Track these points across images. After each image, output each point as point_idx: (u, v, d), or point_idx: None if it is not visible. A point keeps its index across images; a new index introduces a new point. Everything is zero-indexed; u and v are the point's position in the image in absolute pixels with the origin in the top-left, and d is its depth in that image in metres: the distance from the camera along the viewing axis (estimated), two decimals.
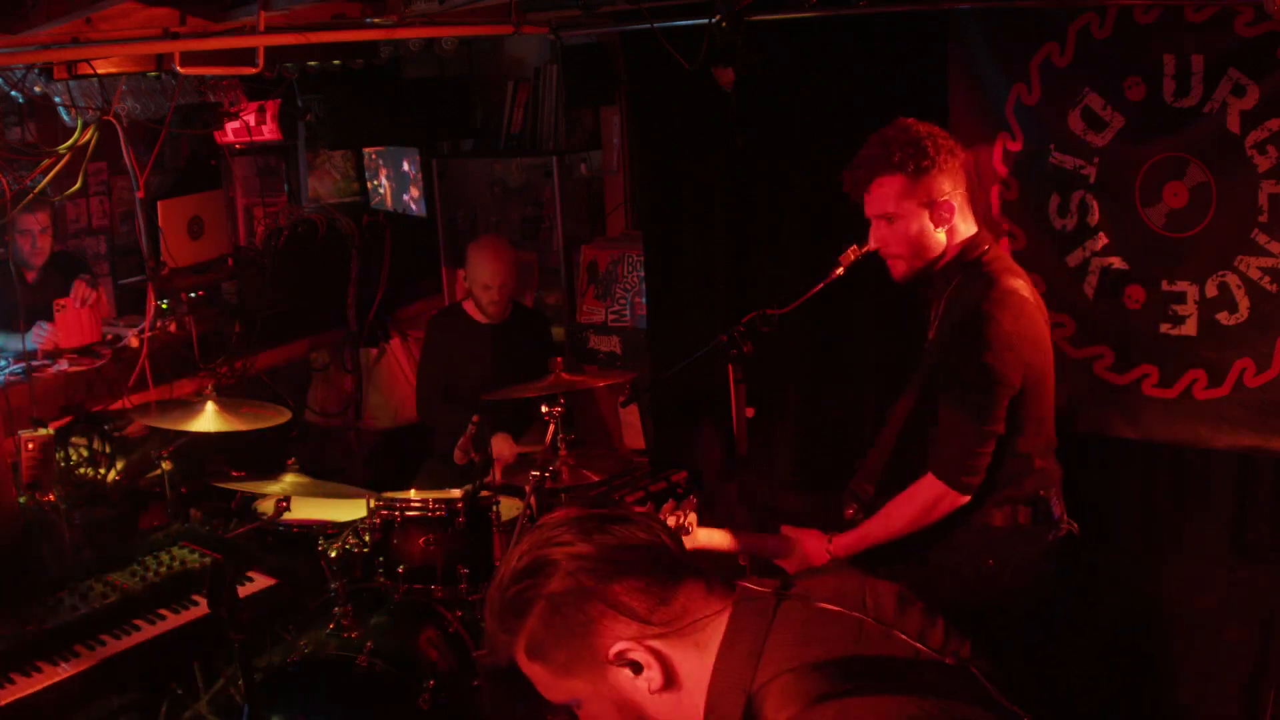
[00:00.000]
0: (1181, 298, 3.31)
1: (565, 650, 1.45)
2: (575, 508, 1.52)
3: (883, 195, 2.87)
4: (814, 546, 2.97)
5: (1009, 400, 2.75)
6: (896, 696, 1.33)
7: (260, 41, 3.44)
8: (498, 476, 4.46)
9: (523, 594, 1.45)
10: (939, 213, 2.85)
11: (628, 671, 1.43)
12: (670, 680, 1.44)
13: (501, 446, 4.60)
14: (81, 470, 4.15)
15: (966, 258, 2.88)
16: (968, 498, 2.78)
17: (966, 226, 2.91)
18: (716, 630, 1.45)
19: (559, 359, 4.15)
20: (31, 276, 4.58)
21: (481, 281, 4.70)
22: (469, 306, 4.84)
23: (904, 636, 1.42)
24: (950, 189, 2.85)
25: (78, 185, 4.16)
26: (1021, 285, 2.81)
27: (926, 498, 2.81)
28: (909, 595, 1.52)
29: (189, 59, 3.52)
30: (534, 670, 1.49)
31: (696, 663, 1.43)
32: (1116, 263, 3.41)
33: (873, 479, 3.05)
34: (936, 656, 1.41)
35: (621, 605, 1.43)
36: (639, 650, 1.42)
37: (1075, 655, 3.59)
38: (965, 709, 1.35)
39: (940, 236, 2.88)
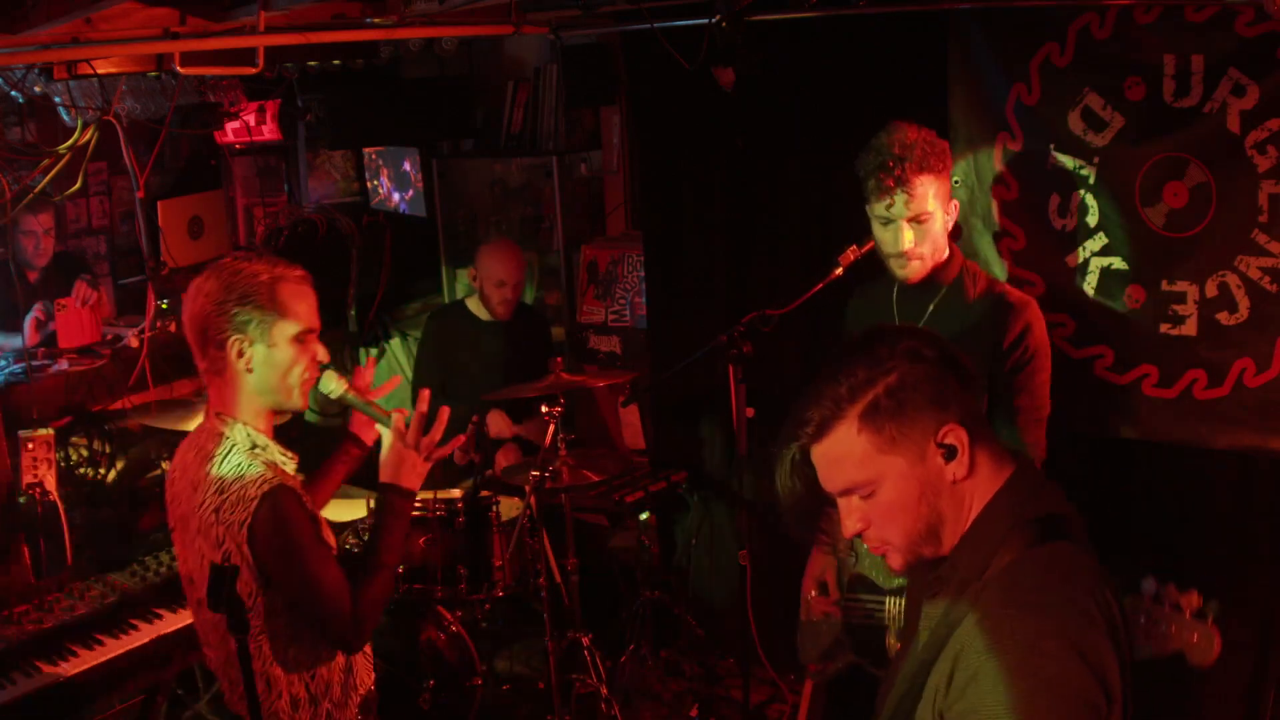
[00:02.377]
0: (1181, 298, 3.31)
1: (899, 423, 1.59)
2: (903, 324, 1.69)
3: (923, 195, 2.91)
4: None
5: None
6: (1078, 545, 1.61)
7: (260, 41, 3.44)
8: (500, 461, 4.48)
9: (876, 366, 1.61)
10: (950, 209, 2.98)
11: (942, 456, 1.61)
12: (970, 473, 1.62)
13: (499, 424, 4.60)
14: (81, 470, 4.15)
15: (952, 269, 3.02)
16: None
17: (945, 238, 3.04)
18: (1004, 455, 1.67)
19: (559, 359, 4.16)
20: (33, 277, 4.58)
21: (495, 278, 4.71)
22: (473, 305, 4.84)
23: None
24: (950, 193, 2.99)
25: (78, 185, 4.16)
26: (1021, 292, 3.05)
27: None
28: None
29: (189, 59, 3.52)
30: (855, 444, 1.61)
31: (986, 469, 1.63)
32: (1116, 263, 3.41)
33: None
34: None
35: (956, 394, 1.62)
36: (963, 435, 1.61)
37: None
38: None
39: (944, 238, 3.00)
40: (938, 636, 1.62)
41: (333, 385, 2.51)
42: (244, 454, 2.33)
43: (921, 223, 2.92)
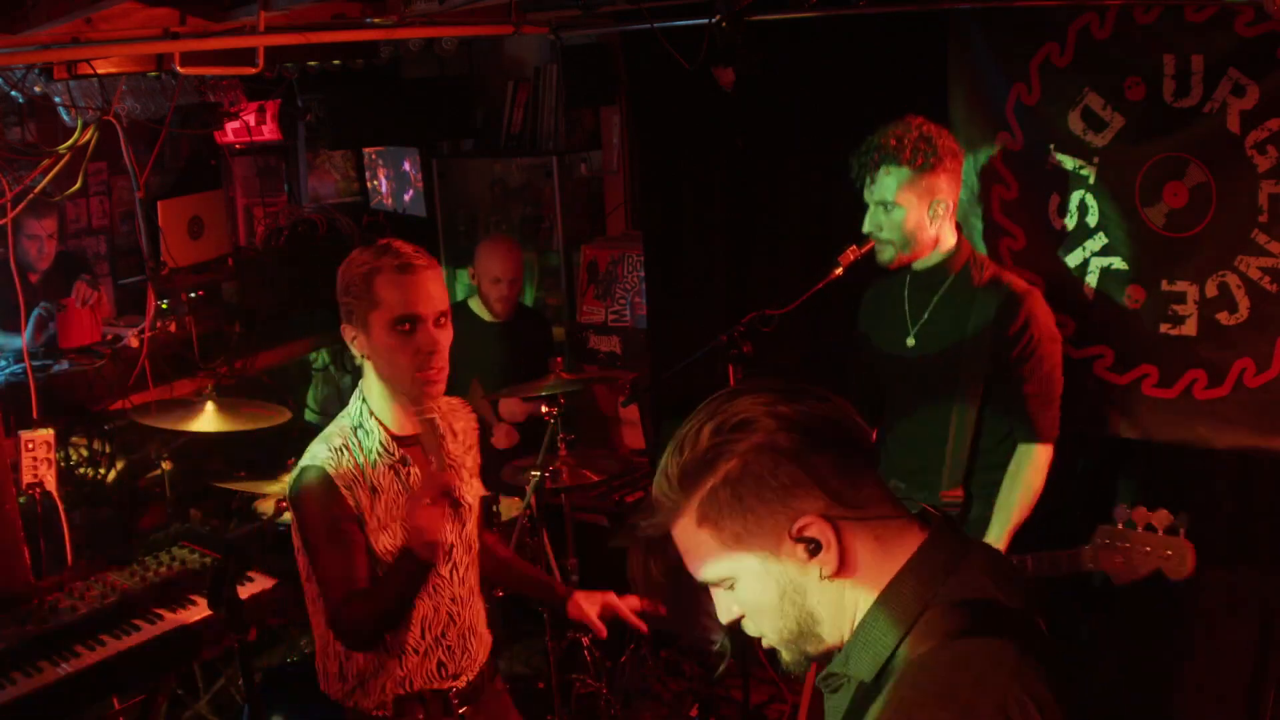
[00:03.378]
0: (1181, 298, 3.31)
1: (743, 519, 1.35)
2: (770, 378, 1.43)
3: (885, 185, 3.03)
4: None
5: None
6: (1007, 641, 1.30)
7: (260, 41, 3.44)
8: (502, 441, 4.49)
9: (713, 450, 1.35)
10: (935, 208, 3.04)
11: (803, 551, 1.35)
12: (842, 567, 1.36)
13: (513, 406, 4.61)
14: (81, 470, 4.15)
15: (957, 263, 3.10)
16: None
17: (950, 231, 3.12)
18: (904, 533, 1.39)
19: (559, 359, 4.16)
20: (35, 278, 4.58)
21: (492, 275, 4.70)
22: (474, 305, 4.84)
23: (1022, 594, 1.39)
24: (947, 190, 3.05)
25: (78, 185, 4.16)
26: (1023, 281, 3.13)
27: (1044, 462, 3.06)
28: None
29: (189, 59, 3.52)
30: (698, 539, 1.38)
31: (872, 558, 1.36)
32: (1116, 263, 3.41)
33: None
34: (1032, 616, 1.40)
35: (817, 476, 1.34)
36: (824, 528, 1.34)
37: (1074, 655, 3.59)
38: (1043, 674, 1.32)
39: (930, 232, 3.07)
40: None
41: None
42: (337, 428, 2.46)
43: (888, 211, 3.05)
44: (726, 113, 4.17)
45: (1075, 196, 3.44)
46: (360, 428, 2.45)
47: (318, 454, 2.40)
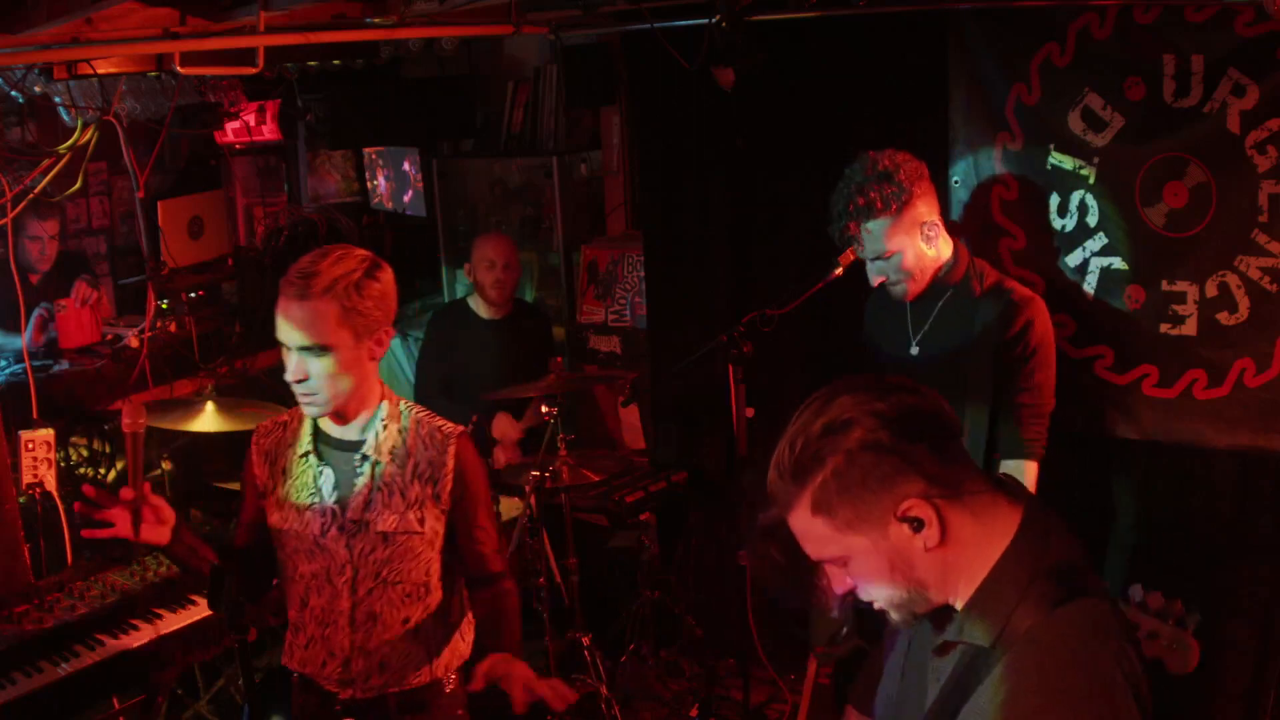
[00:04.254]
0: (1181, 298, 3.31)
1: (853, 505, 1.51)
2: (864, 377, 1.58)
3: (874, 239, 3.05)
4: None
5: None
6: (1100, 600, 1.50)
7: (260, 41, 3.44)
8: (501, 459, 4.47)
9: (822, 447, 1.51)
10: (928, 233, 3.06)
11: (908, 529, 1.51)
12: (944, 540, 1.52)
13: (505, 427, 4.60)
14: (81, 470, 4.15)
15: (957, 270, 3.11)
16: None
17: (946, 239, 3.13)
18: (995, 504, 1.55)
19: (559, 359, 4.15)
20: (35, 279, 4.58)
21: (486, 260, 4.70)
22: (473, 302, 4.84)
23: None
24: (927, 210, 3.06)
25: (78, 185, 4.16)
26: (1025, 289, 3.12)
27: (1030, 483, 3.00)
28: None
29: (189, 59, 3.52)
30: (813, 525, 1.55)
31: (971, 529, 1.53)
32: (1116, 263, 3.41)
33: None
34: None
35: (913, 463, 1.51)
36: (925, 508, 1.50)
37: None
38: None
39: (933, 252, 3.09)
40: (951, 702, 1.55)
41: None
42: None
43: (886, 259, 3.06)
44: (726, 113, 4.17)
45: (1075, 196, 3.44)
46: (305, 416, 2.54)
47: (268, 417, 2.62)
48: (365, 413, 2.50)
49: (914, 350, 3.18)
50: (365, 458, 2.47)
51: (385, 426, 2.49)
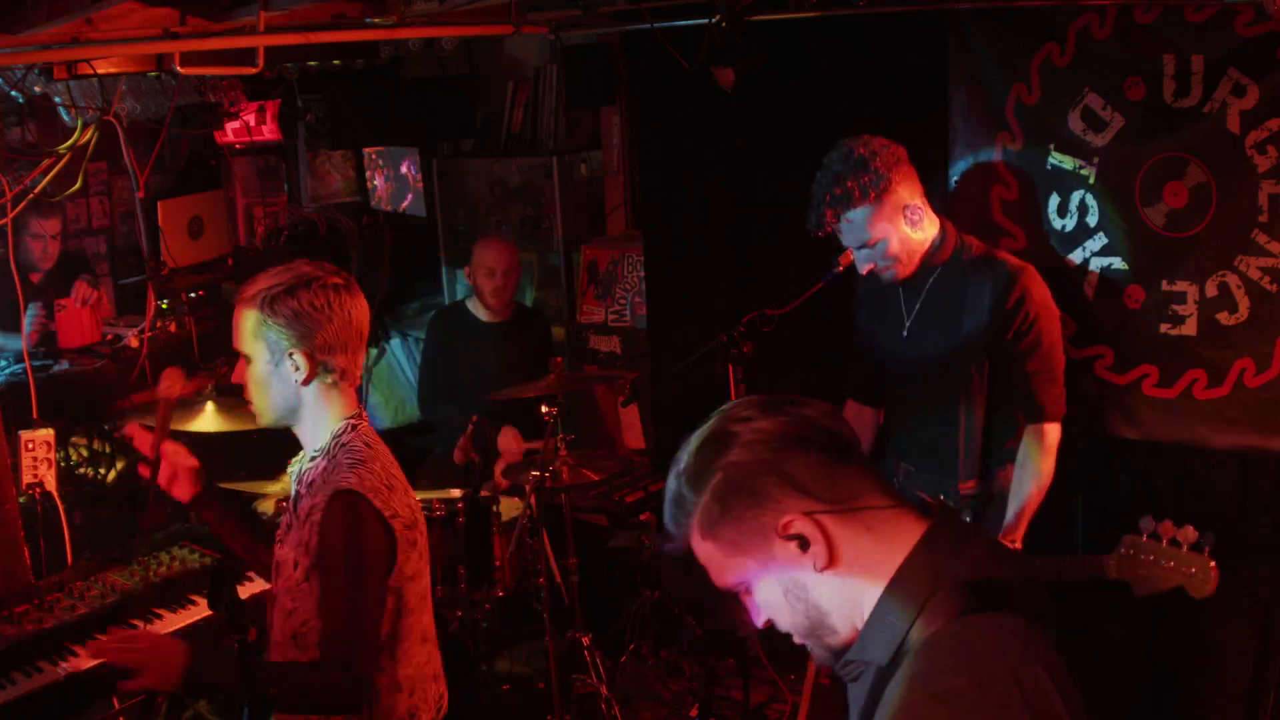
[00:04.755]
0: (1181, 298, 3.31)
1: (736, 525, 1.46)
2: (755, 395, 1.54)
3: (857, 227, 3.02)
4: None
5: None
6: (1015, 617, 1.38)
7: (260, 41, 3.44)
8: (500, 475, 4.47)
9: (701, 467, 1.48)
10: (911, 216, 3.04)
11: (794, 547, 1.44)
12: (833, 559, 1.45)
13: (509, 441, 4.60)
14: (81, 470, 4.15)
15: (946, 249, 3.08)
16: None
17: (931, 219, 3.10)
18: (899, 520, 1.47)
19: (559, 359, 4.16)
20: (36, 278, 4.58)
21: (486, 266, 4.70)
22: (472, 305, 4.84)
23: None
24: (910, 194, 3.03)
25: (78, 185, 4.16)
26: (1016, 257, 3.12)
27: (1053, 442, 3.03)
28: None
29: (189, 59, 3.52)
30: (707, 550, 1.51)
31: (866, 546, 1.45)
32: (1116, 263, 3.41)
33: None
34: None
35: (794, 479, 1.44)
36: (807, 524, 1.43)
37: (1074, 655, 3.58)
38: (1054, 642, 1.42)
39: (919, 234, 3.06)
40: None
41: None
42: None
43: (871, 246, 3.04)
44: (726, 113, 4.17)
45: (1075, 196, 3.44)
46: None
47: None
48: (313, 442, 2.36)
49: (905, 332, 3.18)
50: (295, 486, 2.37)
51: (313, 459, 2.34)
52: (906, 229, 3.03)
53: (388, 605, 2.27)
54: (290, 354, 2.26)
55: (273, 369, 2.29)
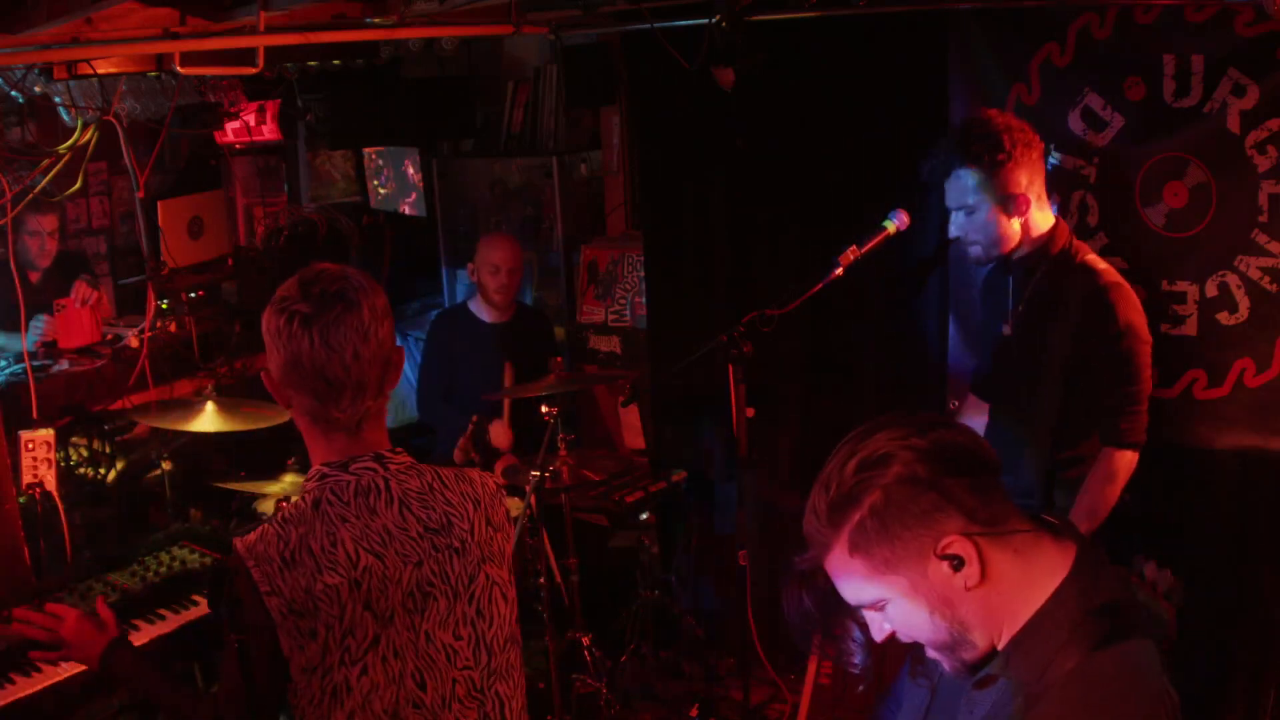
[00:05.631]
0: (1181, 298, 3.31)
1: (891, 544, 1.48)
2: (900, 414, 1.55)
3: (961, 189, 2.98)
4: None
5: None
6: (1144, 640, 1.48)
7: (260, 41, 3.44)
8: (500, 474, 4.47)
9: (858, 485, 1.48)
10: (1016, 205, 2.98)
11: (948, 567, 1.47)
12: (984, 577, 1.48)
13: (499, 435, 4.60)
14: (81, 470, 4.15)
15: (1052, 250, 3.03)
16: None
17: (1043, 219, 3.04)
18: (1038, 543, 1.52)
19: (559, 359, 4.16)
20: (35, 277, 4.58)
21: (491, 263, 4.71)
22: (474, 306, 4.85)
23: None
24: (1026, 183, 2.97)
25: (78, 185, 4.16)
26: (1116, 272, 3.03)
27: (1114, 470, 2.96)
28: None
29: (189, 59, 3.52)
30: (851, 567, 1.51)
31: (1013, 568, 1.49)
32: (1117, 263, 3.41)
33: None
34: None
35: (954, 499, 1.47)
36: (965, 544, 1.47)
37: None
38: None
39: (1015, 227, 3.01)
40: None
41: None
42: None
43: (968, 213, 3.01)
44: (726, 113, 4.17)
45: (1075, 196, 3.44)
46: None
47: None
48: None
49: (1007, 329, 3.16)
50: None
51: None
52: (1003, 215, 2.98)
53: (300, 691, 1.96)
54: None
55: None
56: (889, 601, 1.52)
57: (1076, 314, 2.97)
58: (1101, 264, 3.02)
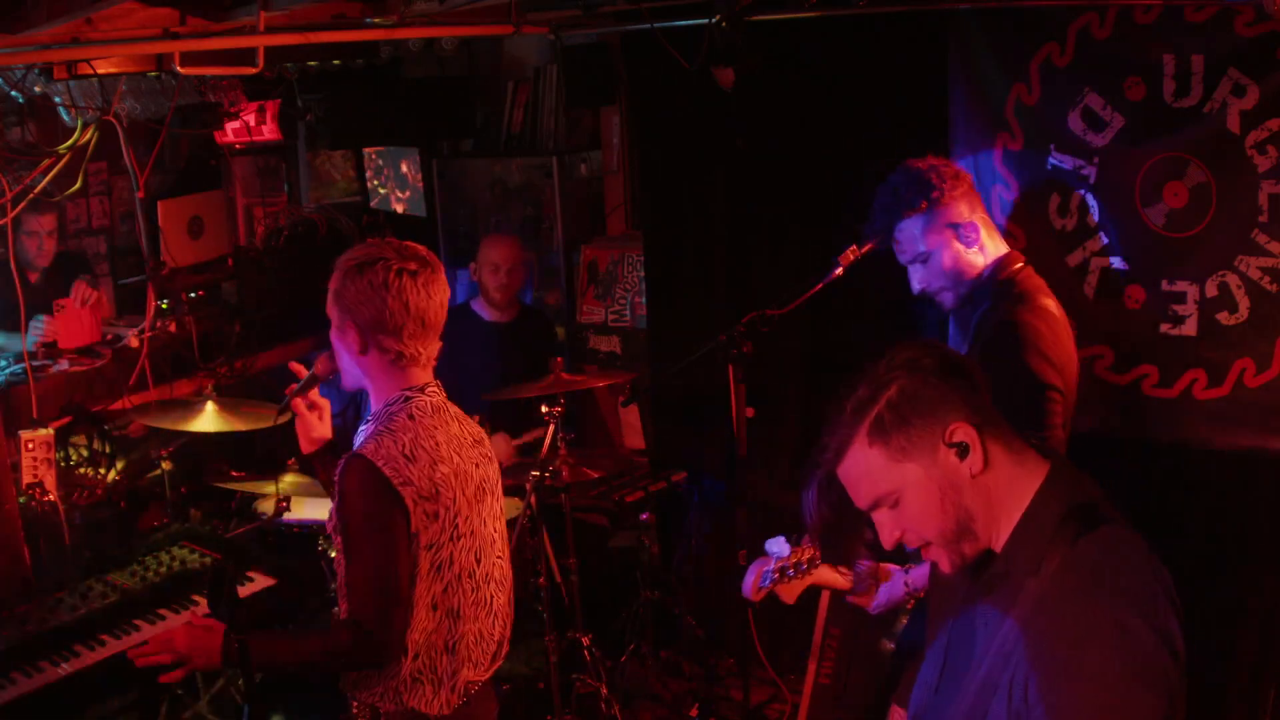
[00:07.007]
0: (1181, 298, 3.31)
1: (906, 432, 1.68)
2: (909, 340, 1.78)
3: (910, 238, 2.93)
4: (895, 582, 2.90)
5: (1060, 406, 2.75)
6: (1119, 528, 1.71)
7: (260, 41, 3.44)
8: None
9: (876, 383, 1.71)
10: (965, 235, 2.92)
11: (954, 455, 1.68)
12: (986, 465, 1.69)
13: (499, 447, 4.60)
14: (81, 470, 4.15)
15: (999, 277, 2.93)
16: None
17: (995, 247, 2.98)
18: (1025, 448, 1.74)
19: (559, 359, 4.16)
20: (34, 277, 4.57)
21: (491, 263, 4.72)
22: (476, 306, 4.85)
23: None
24: (969, 211, 2.93)
25: (78, 185, 4.16)
26: (1053, 304, 2.88)
27: None
28: None
29: (189, 59, 3.52)
30: (869, 456, 1.71)
31: (1007, 463, 1.71)
32: (1116, 263, 3.41)
33: None
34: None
35: (959, 393, 1.70)
36: (970, 431, 1.68)
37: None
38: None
39: (974, 257, 2.94)
40: (1003, 636, 1.66)
41: None
42: None
43: (923, 262, 2.95)
44: (726, 113, 4.18)
45: (1075, 196, 3.44)
46: None
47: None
48: (372, 408, 2.52)
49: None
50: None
51: (366, 424, 2.50)
52: (960, 246, 2.92)
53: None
54: (344, 325, 2.44)
55: (339, 335, 2.48)
56: (902, 493, 1.70)
57: (984, 344, 2.84)
58: (1038, 300, 2.85)
